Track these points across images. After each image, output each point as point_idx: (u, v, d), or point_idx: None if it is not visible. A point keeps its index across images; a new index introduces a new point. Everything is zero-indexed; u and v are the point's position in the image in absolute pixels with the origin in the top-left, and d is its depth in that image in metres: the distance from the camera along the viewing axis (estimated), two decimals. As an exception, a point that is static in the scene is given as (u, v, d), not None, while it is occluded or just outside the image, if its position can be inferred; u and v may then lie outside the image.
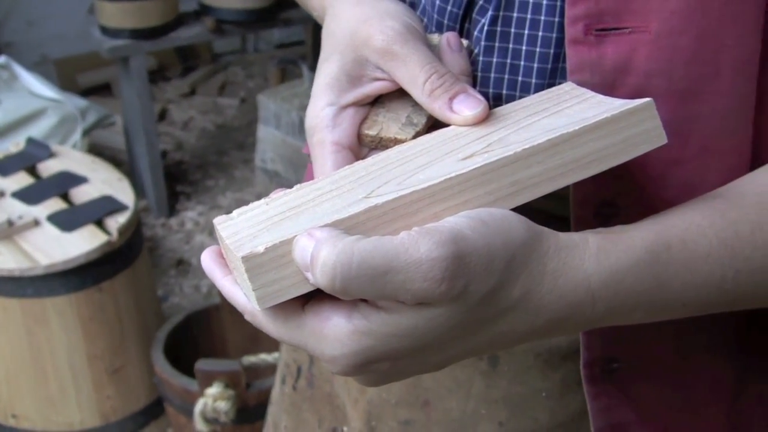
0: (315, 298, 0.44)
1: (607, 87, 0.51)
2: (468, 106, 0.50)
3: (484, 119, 0.50)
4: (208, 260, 0.49)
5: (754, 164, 0.53)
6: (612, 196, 0.53)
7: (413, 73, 0.51)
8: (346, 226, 0.43)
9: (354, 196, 0.46)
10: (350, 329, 0.43)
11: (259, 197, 0.54)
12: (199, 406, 1.71)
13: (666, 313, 0.49)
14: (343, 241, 0.41)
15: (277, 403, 0.84)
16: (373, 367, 0.44)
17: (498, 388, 0.61)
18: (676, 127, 0.51)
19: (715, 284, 0.48)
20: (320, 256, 0.40)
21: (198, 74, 3.94)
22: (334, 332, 0.43)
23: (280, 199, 0.48)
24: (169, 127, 3.56)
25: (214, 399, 1.70)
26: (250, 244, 0.43)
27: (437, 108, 0.51)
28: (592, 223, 0.53)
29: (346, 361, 0.43)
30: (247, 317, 0.47)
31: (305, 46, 3.74)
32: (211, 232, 2.87)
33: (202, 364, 1.71)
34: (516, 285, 0.44)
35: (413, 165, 0.48)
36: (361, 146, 0.54)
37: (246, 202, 2.63)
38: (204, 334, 2.01)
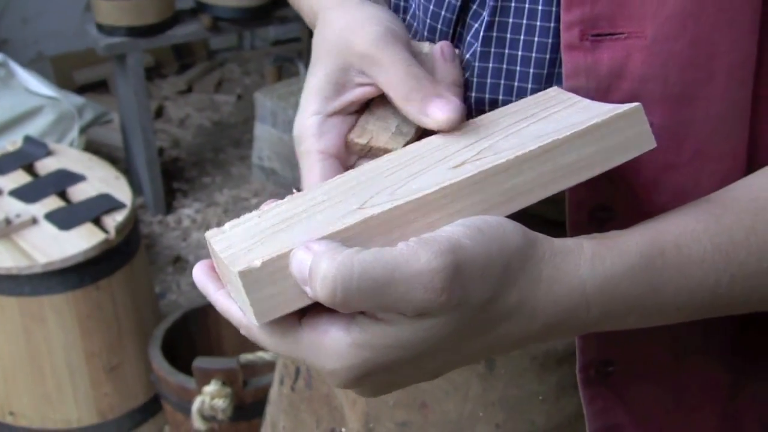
0: (311, 311, 0.44)
1: (602, 92, 0.52)
2: (442, 110, 0.50)
3: (459, 124, 0.50)
4: (200, 274, 0.49)
5: (749, 168, 0.53)
6: (607, 200, 0.53)
7: (392, 77, 0.51)
8: (342, 238, 0.43)
9: (347, 206, 0.46)
10: (349, 342, 0.43)
11: (255, 194, 0.55)
12: (196, 404, 1.71)
13: (660, 318, 0.50)
14: (343, 253, 0.41)
15: (275, 403, 0.84)
16: (372, 378, 0.44)
17: (495, 390, 0.62)
18: (671, 131, 0.52)
19: (709, 289, 0.48)
20: (320, 269, 0.40)
21: (194, 71, 3.94)
22: (333, 346, 0.43)
23: (272, 210, 0.48)
24: (166, 124, 3.56)
25: (211, 397, 1.70)
26: (245, 258, 0.43)
27: (412, 111, 0.51)
28: (587, 227, 0.53)
29: (346, 374, 0.43)
30: (242, 331, 0.47)
31: (301, 43, 3.75)
32: (207, 228, 2.87)
33: (199, 362, 1.72)
34: (513, 291, 0.44)
35: (404, 174, 0.48)
36: (348, 154, 0.54)
37: (243, 200, 2.60)
38: (201, 332, 2.02)
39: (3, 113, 2.60)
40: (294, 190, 0.54)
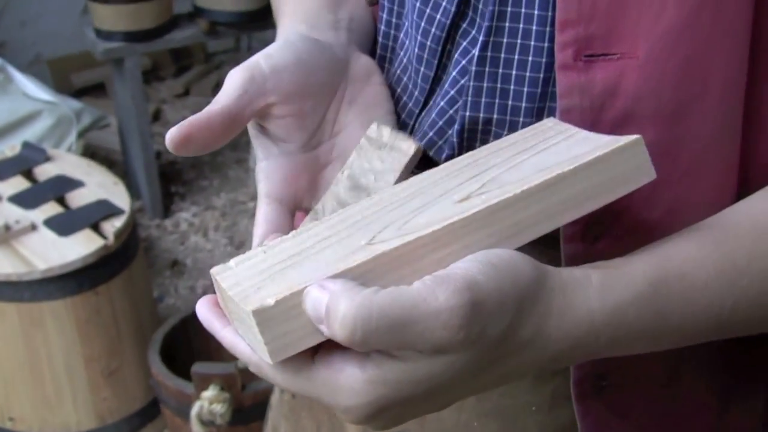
0: (323, 347, 0.44)
1: (596, 110, 0.52)
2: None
3: (174, 147, 0.52)
4: (204, 311, 0.49)
5: (741, 183, 0.54)
6: (600, 215, 0.54)
7: None
8: (353, 275, 0.42)
9: (355, 242, 0.45)
10: (364, 379, 0.43)
11: (252, 198, 0.56)
12: (195, 409, 1.72)
13: (665, 344, 0.50)
14: (361, 294, 0.41)
15: (277, 408, 0.85)
16: (386, 413, 0.44)
17: (489, 401, 0.62)
18: (664, 148, 0.52)
19: (713, 314, 0.49)
20: (339, 309, 0.40)
21: (192, 74, 3.94)
22: (348, 383, 0.43)
23: (277, 246, 0.47)
24: (164, 127, 3.56)
25: (210, 402, 1.71)
26: (257, 297, 0.42)
27: None
28: (581, 242, 0.54)
29: (361, 410, 0.43)
30: (251, 368, 0.47)
31: (299, 46, 3.74)
32: (205, 233, 2.88)
33: (198, 368, 1.73)
34: (527, 324, 0.44)
35: (409, 208, 0.47)
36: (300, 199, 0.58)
37: (240, 203, 2.60)
38: (199, 336, 2.02)
39: (1, 118, 2.61)
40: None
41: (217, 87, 3.96)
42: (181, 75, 3.95)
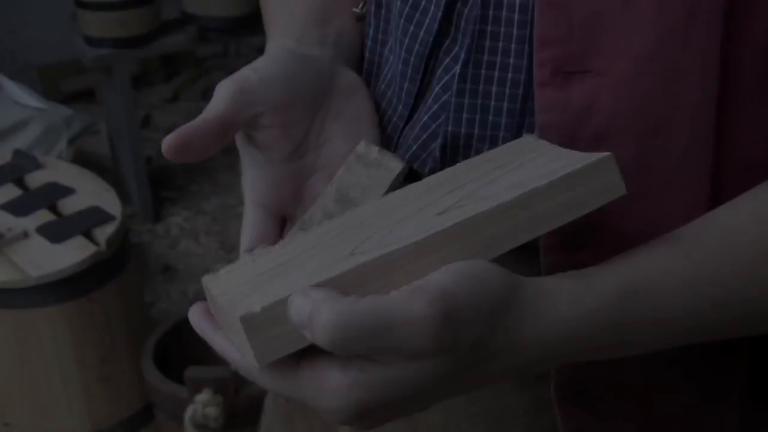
0: (308, 352, 0.46)
1: (572, 127, 0.54)
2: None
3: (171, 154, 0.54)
4: (196, 317, 0.51)
5: (714, 196, 0.55)
6: (579, 227, 0.55)
7: None
8: (336, 283, 0.45)
9: (339, 252, 0.48)
10: (347, 382, 0.45)
11: (243, 202, 0.59)
12: (189, 413, 1.73)
13: (638, 349, 0.53)
14: (341, 303, 0.43)
15: (271, 412, 0.86)
16: (368, 415, 0.46)
17: (478, 404, 0.64)
18: (638, 164, 0.54)
19: (681, 324, 0.51)
20: (320, 317, 0.43)
21: (181, 79, 3.94)
22: (332, 386, 0.45)
23: (266, 255, 0.50)
24: (154, 132, 3.57)
25: (203, 406, 1.72)
26: (244, 303, 0.45)
27: None
28: (560, 254, 0.56)
29: (345, 412, 0.46)
30: (241, 372, 0.49)
31: (287, 50, 3.75)
32: (197, 237, 2.89)
33: (191, 372, 1.74)
34: (499, 333, 0.46)
35: (390, 220, 0.50)
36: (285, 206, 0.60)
37: (231, 207, 2.61)
38: (192, 340, 2.02)
39: (-9, 125, 2.62)
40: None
41: (207, 92, 3.97)
42: (170, 80, 3.95)
